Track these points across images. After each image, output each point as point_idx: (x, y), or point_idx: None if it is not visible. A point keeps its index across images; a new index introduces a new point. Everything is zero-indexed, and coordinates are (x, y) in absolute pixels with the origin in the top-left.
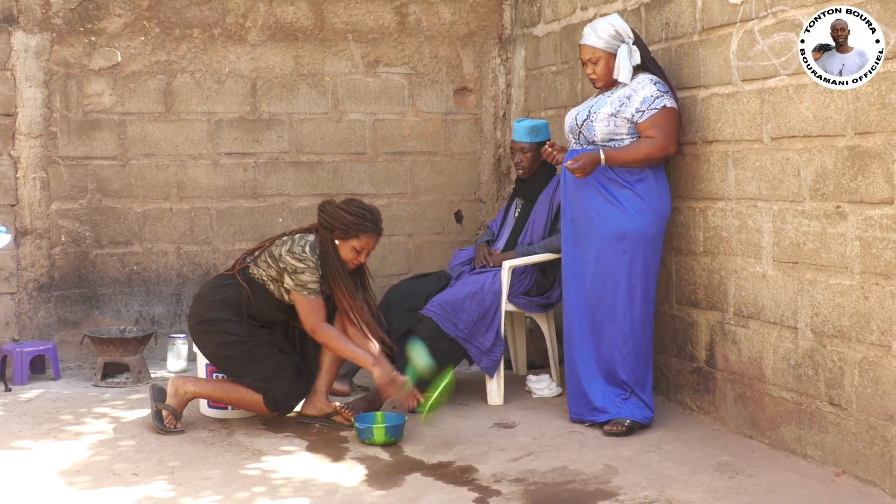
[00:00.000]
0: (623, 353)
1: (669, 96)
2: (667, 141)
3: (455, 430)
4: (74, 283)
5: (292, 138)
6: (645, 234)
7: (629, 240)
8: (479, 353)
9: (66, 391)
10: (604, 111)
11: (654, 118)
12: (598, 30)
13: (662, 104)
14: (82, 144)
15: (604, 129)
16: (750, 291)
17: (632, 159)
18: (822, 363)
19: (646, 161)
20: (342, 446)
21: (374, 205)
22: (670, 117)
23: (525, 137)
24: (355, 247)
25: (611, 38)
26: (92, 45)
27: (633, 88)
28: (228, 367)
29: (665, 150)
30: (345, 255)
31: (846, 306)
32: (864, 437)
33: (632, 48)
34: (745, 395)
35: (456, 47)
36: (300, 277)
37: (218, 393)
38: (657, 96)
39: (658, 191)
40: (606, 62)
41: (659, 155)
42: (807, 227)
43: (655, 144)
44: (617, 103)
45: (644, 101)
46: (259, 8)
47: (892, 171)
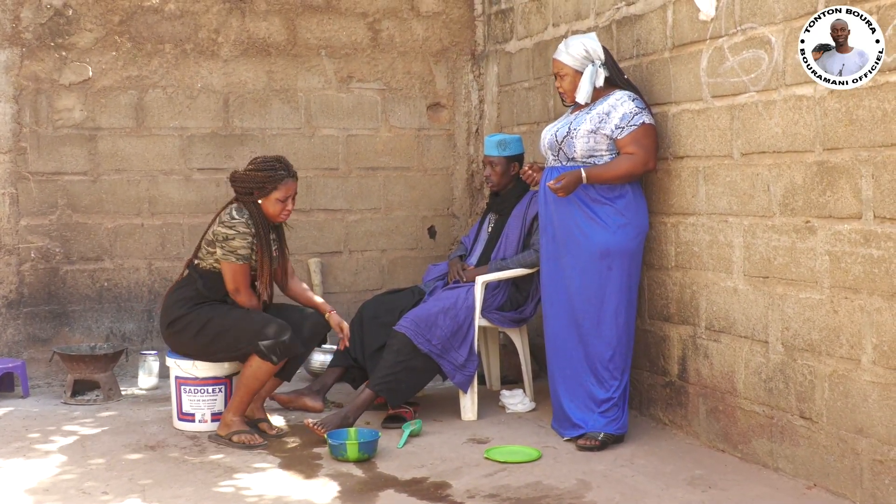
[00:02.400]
0: (609, 367)
1: (647, 113)
2: (646, 156)
3: (429, 445)
4: (44, 299)
5: (265, 154)
6: (627, 249)
7: (613, 255)
8: (453, 369)
9: (35, 409)
10: (584, 128)
11: (633, 134)
12: (570, 46)
13: (641, 120)
14: (52, 160)
15: (584, 145)
16: (721, 306)
17: (613, 176)
18: (792, 377)
19: (627, 177)
20: (315, 463)
21: (348, 220)
22: (649, 133)
23: (493, 151)
24: (279, 198)
25: (580, 56)
26: (62, 60)
27: (612, 105)
28: (215, 349)
29: (645, 165)
30: (272, 210)
31: (816, 320)
32: (834, 450)
33: (597, 70)
34: (718, 409)
35: (429, 63)
36: (230, 244)
37: (241, 394)
38: (636, 112)
39: (637, 206)
40: (573, 79)
41: (640, 171)
42: (777, 242)
43: (635, 160)
44: (597, 119)
45: (623, 117)
46: (232, 23)
47: (860, 187)
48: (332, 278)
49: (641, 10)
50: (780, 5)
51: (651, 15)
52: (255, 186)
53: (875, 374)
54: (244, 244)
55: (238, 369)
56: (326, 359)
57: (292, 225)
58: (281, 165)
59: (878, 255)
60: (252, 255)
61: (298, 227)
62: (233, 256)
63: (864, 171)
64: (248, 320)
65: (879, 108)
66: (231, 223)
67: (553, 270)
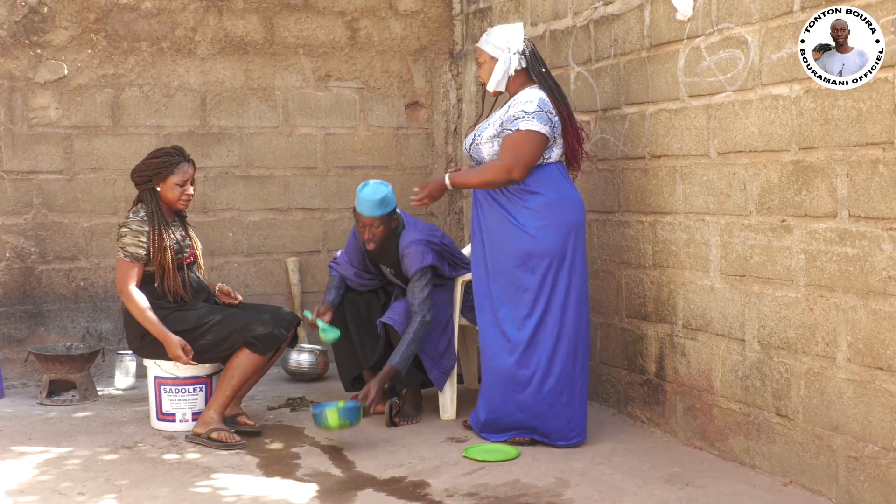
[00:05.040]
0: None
1: (533, 118)
2: (511, 164)
3: (407, 444)
4: (19, 299)
5: (242, 152)
6: (550, 251)
7: (535, 259)
8: (431, 363)
9: (9, 409)
10: (486, 133)
11: (507, 139)
12: (492, 35)
13: (517, 126)
14: (27, 158)
15: (489, 150)
16: (698, 304)
17: (476, 182)
18: (769, 374)
19: (488, 184)
20: (293, 463)
21: (326, 219)
22: (525, 140)
23: (376, 211)
24: (177, 182)
25: (499, 45)
26: (38, 58)
27: (510, 105)
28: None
29: (508, 173)
30: (172, 196)
31: (792, 318)
32: (810, 447)
33: (510, 59)
34: (695, 407)
35: (407, 62)
36: (122, 241)
37: (226, 389)
38: (518, 117)
39: (559, 205)
40: (489, 67)
41: (501, 178)
42: (753, 241)
43: (497, 168)
44: (497, 124)
45: (507, 119)
46: (209, 21)
47: (835, 186)
48: (310, 277)
49: (619, 9)
50: (757, 5)
51: (628, 14)
52: (153, 173)
53: (850, 372)
54: (134, 241)
55: (217, 368)
56: (302, 358)
57: (273, 224)
58: (176, 151)
59: (853, 253)
60: (144, 255)
61: (276, 226)
62: (122, 252)
63: (840, 170)
64: (233, 318)
65: (854, 107)
66: (125, 221)
67: (484, 275)
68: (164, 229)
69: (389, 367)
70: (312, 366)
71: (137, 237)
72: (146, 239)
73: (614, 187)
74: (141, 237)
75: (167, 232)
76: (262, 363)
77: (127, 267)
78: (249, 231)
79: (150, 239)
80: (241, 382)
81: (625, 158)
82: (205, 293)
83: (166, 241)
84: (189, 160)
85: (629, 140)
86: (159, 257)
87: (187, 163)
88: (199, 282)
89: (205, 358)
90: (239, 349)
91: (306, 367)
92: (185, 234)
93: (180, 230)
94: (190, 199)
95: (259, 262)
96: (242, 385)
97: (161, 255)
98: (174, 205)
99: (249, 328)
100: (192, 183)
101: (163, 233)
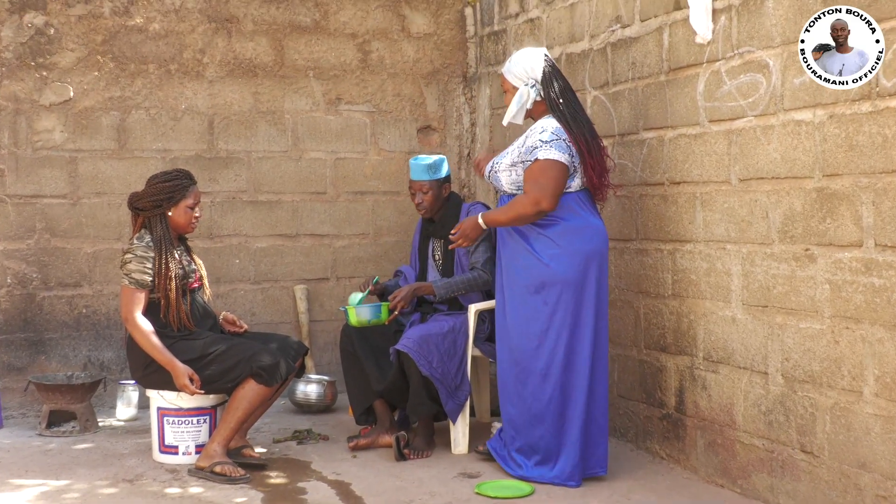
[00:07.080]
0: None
1: (551, 147)
2: (539, 195)
3: (417, 479)
4: (20, 326)
5: (250, 177)
6: (565, 279)
7: (548, 289)
8: (447, 394)
9: (7, 441)
10: (505, 161)
11: (529, 171)
12: (513, 63)
13: (536, 156)
14: (31, 182)
15: (507, 178)
16: (719, 335)
17: (507, 219)
18: (793, 409)
19: (519, 220)
20: (299, 498)
21: (335, 246)
22: (546, 169)
23: (424, 176)
24: (188, 205)
25: (519, 75)
26: (43, 80)
27: (527, 135)
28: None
29: (536, 205)
30: (183, 220)
31: (817, 351)
32: (836, 486)
33: (528, 93)
34: (716, 443)
35: (419, 85)
36: (127, 267)
37: (230, 421)
38: (536, 147)
39: (576, 232)
40: (512, 96)
41: (530, 211)
42: (776, 270)
43: (525, 201)
44: (515, 153)
45: (526, 151)
46: (217, 43)
47: (860, 214)
48: (318, 305)
49: (637, 32)
50: (778, 28)
51: (647, 37)
52: (164, 198)
53: (877, 407)
54: (139, 268)
55: (222, 399)
56: (309, 389)
57: (280, 251)
58: (183, 174)
59: (880, 283)
60: (150, 281)
61: (284, 253)
62: (126, 279)
63: (865, 197)
64: (231, 351)
65: (880, 133)
66: (130, 247)
67: (502, 301)
68: (171, 256)
69: (429, 283)
70: (320, 397)
71: (143, 263)
72: (151, 265)
73: (632, 214)
74: (146, 263)
75: (173, 259)
76: (269, 395)
77: (132, 294)
78: (256, 258)
79: (156, 266)
80: (247, 414)
81: (643, 185)
82: (210, 319)
83: (172, 269)
84: (195, 182)
85: (647, 166)
86: (164, 286)
87: (195, 184)
88: (204, 308)
89: (209, 388)
90: (245, 380)
91: (314, 398)
92: (189, 258)
93: (185, 255)
94: (197, 223)
95: (266, 289)
96: (248, 417)
97: (166, 283)
98: (184, 229)
99: (255, 358)
100: (199, 205)
101: (169, 261)
